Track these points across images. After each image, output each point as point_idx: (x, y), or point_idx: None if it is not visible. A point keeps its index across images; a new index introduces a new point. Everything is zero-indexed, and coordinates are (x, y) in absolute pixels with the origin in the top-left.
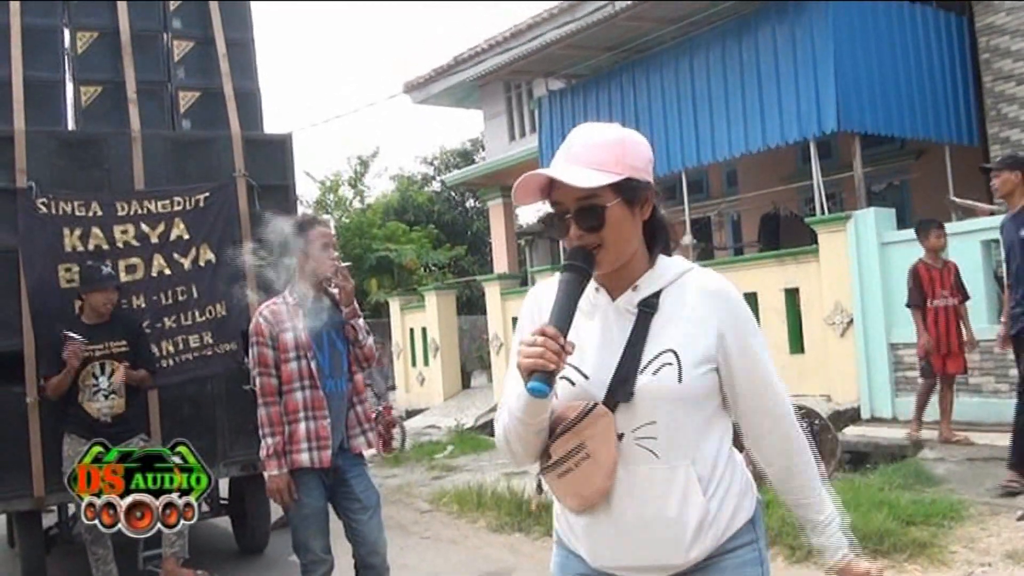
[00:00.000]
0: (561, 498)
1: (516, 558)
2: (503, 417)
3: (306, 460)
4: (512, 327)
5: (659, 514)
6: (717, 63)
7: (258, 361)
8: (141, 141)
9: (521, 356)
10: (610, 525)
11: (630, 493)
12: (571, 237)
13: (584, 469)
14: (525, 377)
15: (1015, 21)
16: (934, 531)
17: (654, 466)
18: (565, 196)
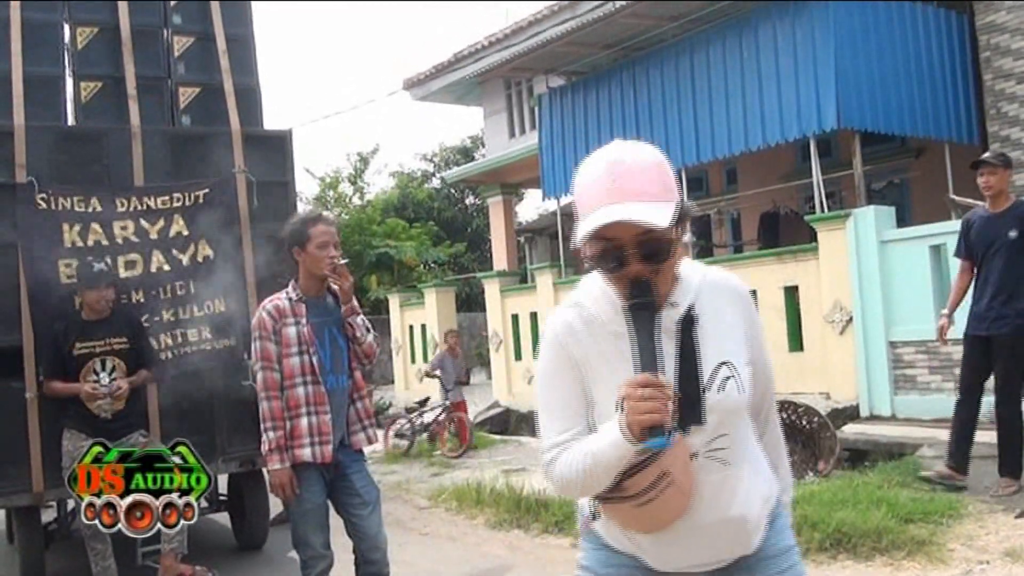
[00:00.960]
0: (630, 524)
1: (515, 555)
2: (578, 462)
3: (308, 455)
4: (512, 324)
5: (730, 515)
6: (717, 61)
7: (261, 355)
8: (141, 137)
9: (634, 414)
10: (683, 533)
11: (702, 502)
12: (629, 270)
13: (667, 496)
14: (638, 433)
15: (1016, 19)
16: (932, 529)
17: (725, 473)
18: (625, 232)
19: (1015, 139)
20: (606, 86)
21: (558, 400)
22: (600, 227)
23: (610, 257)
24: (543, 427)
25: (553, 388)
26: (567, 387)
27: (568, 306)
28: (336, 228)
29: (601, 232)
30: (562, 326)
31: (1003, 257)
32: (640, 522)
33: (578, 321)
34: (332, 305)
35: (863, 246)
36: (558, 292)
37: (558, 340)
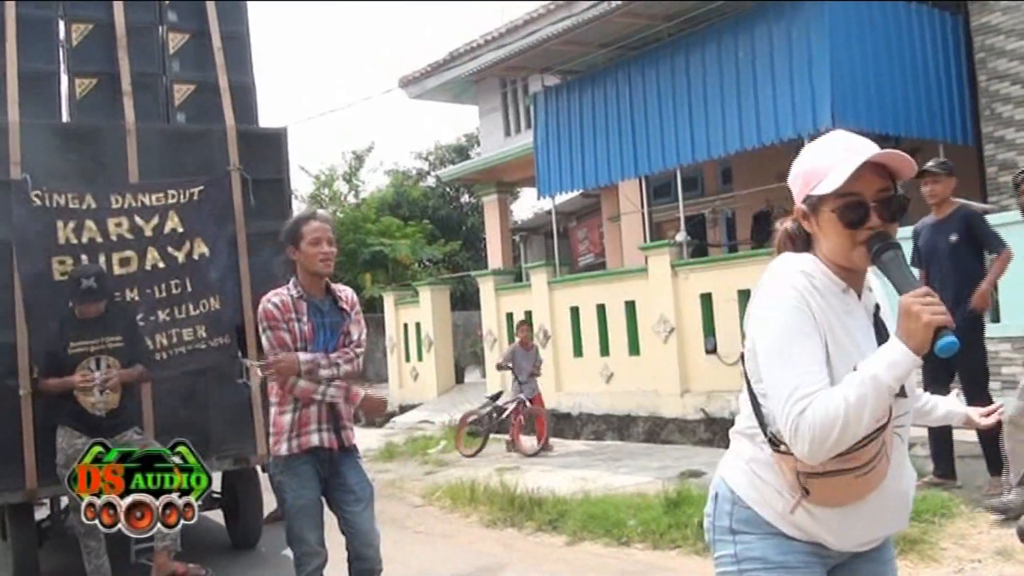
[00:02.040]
0: (842, 496)
1: (509, 553)
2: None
3: (316, 440)
4: (507, 322)
5: (903, 488)
6: (712, 60)
7: (277, 344)
8: (136, 134)
9: (926, 315)
10: (871, 506)
11: (890, 473)
12: (870, 226)
13: (882, 467)
14: (928, 337)
15: (1010, 21)
16: (924, 528)
17: (900, 447)
18: (866, 187)
19: (1009, 140)
20: (601, 85)
21: (806, 353)
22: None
23: (855, 211)
24: (787, 383)
25: (799, 342)
26: (813, 342)
27: (796, 273)
28: (332, 225)
29: (848, 187)
30: (802, 287)
31: (949, 261)
32: (850, 494)
33: (812, 286)
34: (330, 307)
35: None
36: (552, 291)
37: (803, 298)
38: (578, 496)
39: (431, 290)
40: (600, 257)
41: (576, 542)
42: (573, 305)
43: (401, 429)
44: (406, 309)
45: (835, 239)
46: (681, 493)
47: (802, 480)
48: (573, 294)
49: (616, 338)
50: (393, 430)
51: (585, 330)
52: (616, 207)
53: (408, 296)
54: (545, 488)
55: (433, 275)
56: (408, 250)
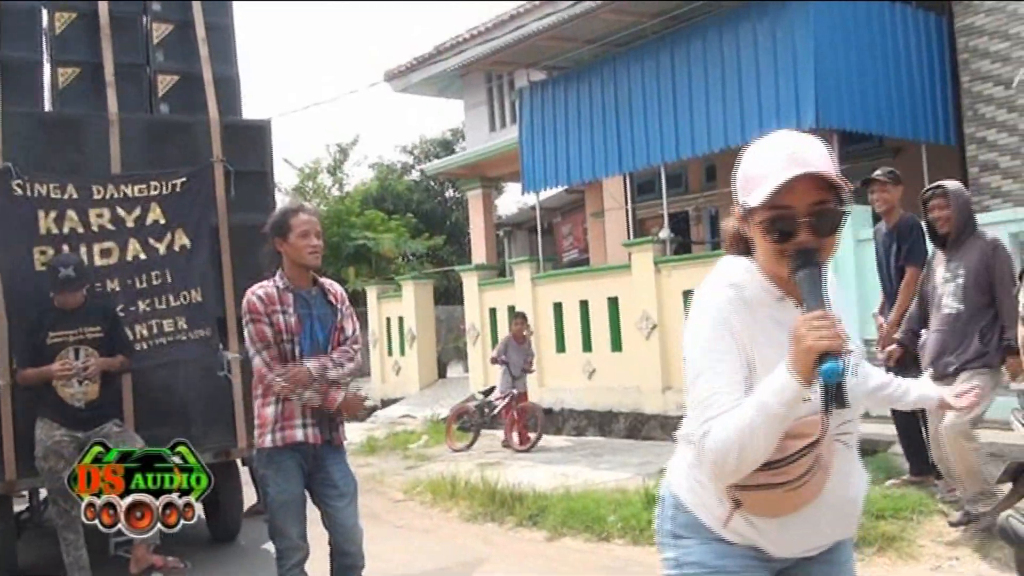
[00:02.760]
0: (775, 509)
1: (489, 548)
2: (736, 423)
3: (300, 436)
4: (490, 317)
5: (848, 495)
6: (698, 58)
7: (256, 337)
8: (119, 124)
9: (810, 339)
10: (810, 516)
11: (831, 484)
12: (797, 241)
13: (817, 479)
14: (811, 363)
15: (994, 22)
16: (903, 525)
17: (845, 455)
18: (798, 200)
19: (991, 141)
20: (587, 81)
21: (718, 374)
22: (783, 186)
23: (781, 225)
24: (698, 401)
25: (717, 361)
26: (729, 361)
27: (724, 284)
28: (318, 218)
29: (778, 199)
30: (725, 301)
31: (894, 272)
32: (783, 506)
33: (738, 300)
34: (318, 299)
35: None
36: (536, 287)
37: (722, 314)
38: (559, 492)
39: (414, 284)
40: (584, 253)
41: (556, 537)
42: (556, 301)
43: (383, 423)
44: (389, 303)
45: (764, 251)
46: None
47: (733, 492)
48: (556, 290)
49: (599, 334)
50: (375, 424)
51: (568, 326)
52: (600, 203)
53: (391, 290)
54: (526, 483)
55: (417, 269)
56: (392, 244)
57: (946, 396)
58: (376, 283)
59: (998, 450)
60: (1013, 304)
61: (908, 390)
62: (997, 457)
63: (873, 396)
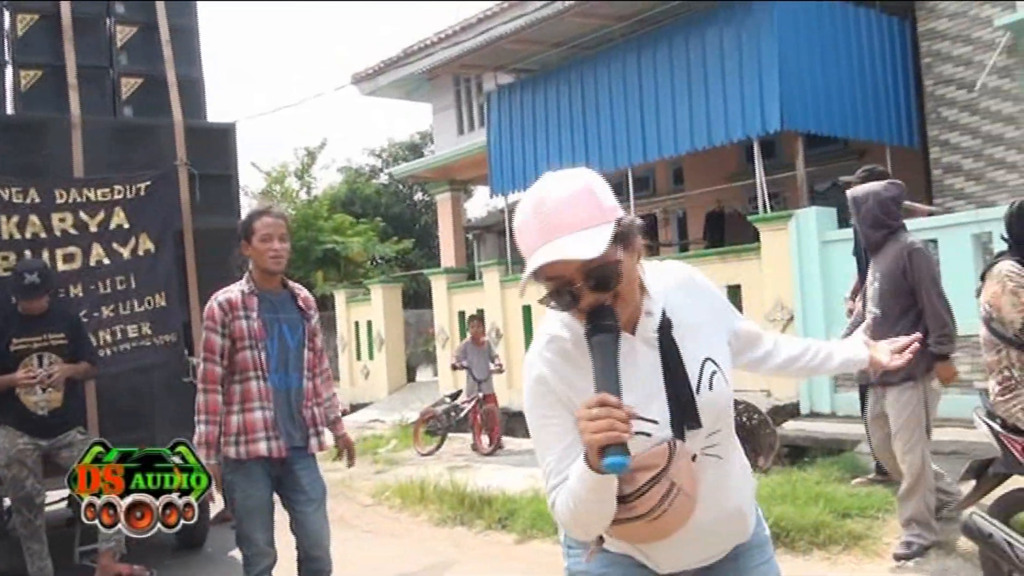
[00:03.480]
0: (640, 538)
1: (458, 551)
2: (568, 502)
3: (263, 449)
4: (459, 321)
5: (729, 507)
6: (664, 62)
7: (204, 347)
8: (81, 127)
9: (587, 433)
10: (687, 536)
11: (705, 502)
12: (586, 303)
13: (678, 505)
14: (595, 455)
15: (956, 27)
16: (869, 523)
17: (719, 468)
18: (566, 268)
19: (954, 143)
20: (554, 84)
21: (550, 441)
22: (540, 269)
23: (563, 294)
24: (542, 468)
25: (544, 429)
26: (557, 427)
27: (545, 341)
28: (286, 220)
29: (544, 272)
30: (543, 363)
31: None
32: (650, 535)
33: (557, 357)
34: (287, 303)
35: (805, 246)
36: (505, 289)
37: (540, 379)
38: (528, 494)
39: (383, 288)
40: None
41: (525, 540)
42: (525, 304)
43: (352, 428)
44: (358, 307)
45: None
46: None
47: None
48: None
49: None
50: None
51: (537, 328)
52: None
53: (360, 294)
54: (495, 486)
55: (386, 273)
56: (360, 248)
57: (877, 354)
58: (345, 287)
59: (962, 448)
60: (939, 308)
61: (830, 355)
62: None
63: (786, 368)
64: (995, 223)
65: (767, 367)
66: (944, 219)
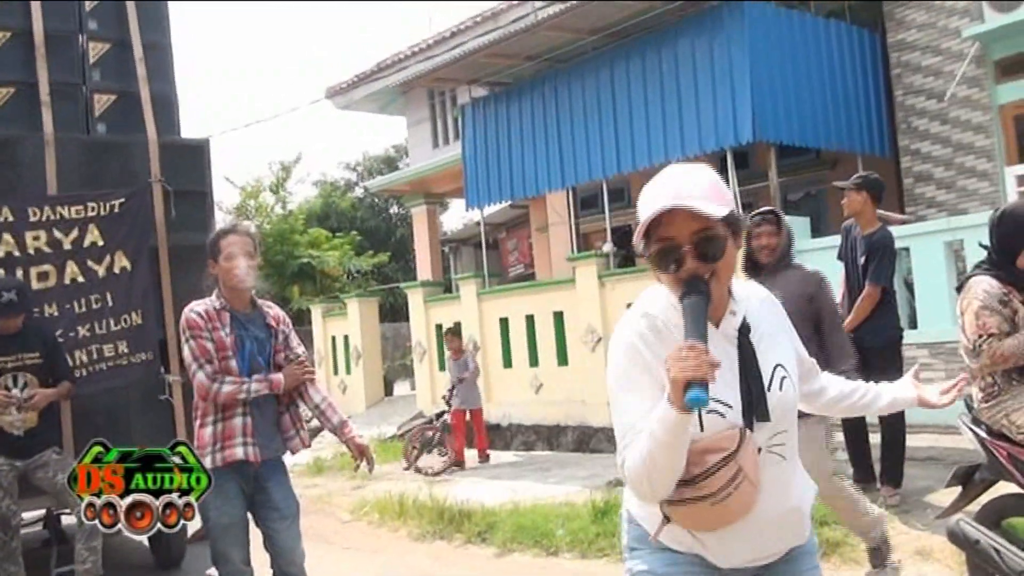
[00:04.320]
0: (703, 523)
1: (438, 566)
2: (643, 450)
3: (240, 454)
4: (436, 334)
5: (790, 506)
6: (637, 74)
7: (199, 353)
8: (55, 144)
9: (675, 370)
10: (748, 528)
11: (767, 496)
12: (686, 269)
13: (742, 491)
14: (679, 391)
15: (925, 38)
16: (845, 531)
17: (783, 467)
18: (679, 231)
19: (925, 152)
20: (528, 97)
21: (634, 404)
22: (657, 223)
23: (668, 257)
24: (617, 431)
25: (629, 392)
26: (643, 391)
27: (638, 316)
28: (253, 237)
29: (659, 233)
30: (635, 334)
31: (860, 281)
32: (713, 520)
33: (649, 330)
34: (256, 322)
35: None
36: (482, 302)
37: (633, 347)
38: (507, 507)
39: (359, 302)
40: (530, 267)
41: (505, 553)
42: (502, 316)
43: (330, 443)
44: (334, 321)
45: (664, 279)
46: (608, 502)
47: (663, 507)
48: (502, 305)
49: (545, 348)
50: (322, 444)
51: (514, 341)
52: (545, 218)
53: (336, 308)
54: (474, 500)
55: (362, 287)
56: (336, 262)
57: (926, 394)
58: (321, 301)
59: (937, 454)
60: (846, 340)
61: (879, 395)
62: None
63: (836, 406)
64: (966, 230)
65: (820, 402)
66: (916, 227)
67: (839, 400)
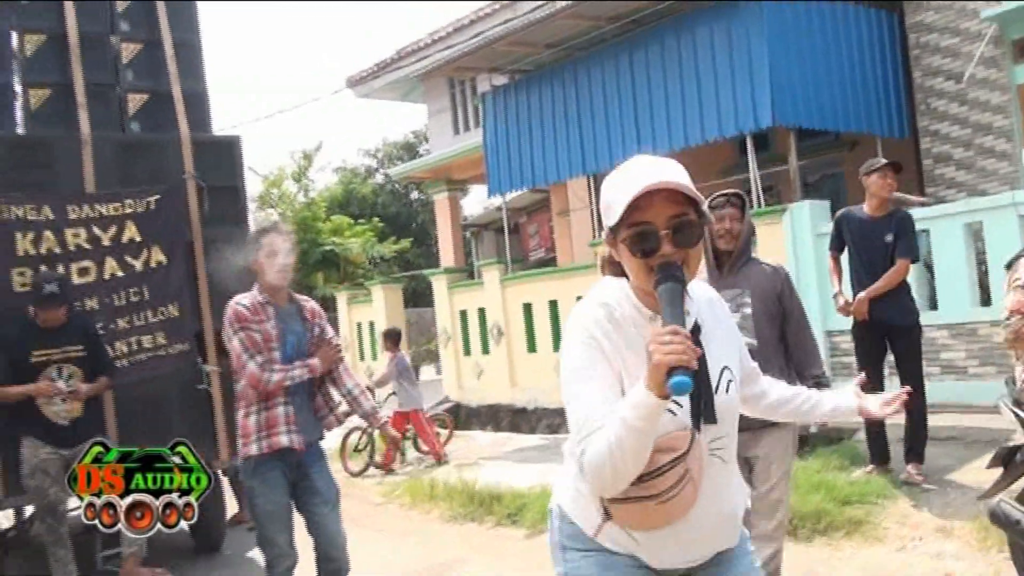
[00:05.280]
0: (644, 522)
1: (469, 548)
2: (609, 441)
3: (285, 441)
4: (461, 320)
5: (725, 510)
6: (656, 60)
7: (249, 344)
8: (91, 144)
9: (659, 354)
10: (686, 529)
11: (705, 498)
12: (662, 254)
13: (686, 492)
14: (661, 376)
15: (943, 19)
16: (868, 509)
17: (721, 470)
18: (656, 215)
19: (944, 133)
20: (548, 84)
21: (593, 394)
22: (633, 207)
23: (645, 241)
24: (574, 422)
25: (588, 381)
26: (600, 379)
27: (595, 305)
28: (289, 237)
29: (634, 217)
30: (593, 322)
31: (884, 259)
32: (655, 519)
33: (607, 320)
34: (294, 315)
35: (799, 239)
36: (505, 288)
37: (590, 334)
38: (536, 490)
39: (384, 289)
40: (551, 252)
41: (535, 534)
42: (526, 301)
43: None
44: (359, 308)
45: (633, 267)
46: None
47: (604, 504)
48: (525, 290)
49: None
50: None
51: (538, 326)
52: (565, 202)
53: (361, 295)
54: (504, 483)
55: (385, 274)
56: (359, 249)
57: (867, 405)
58: (345, 288)
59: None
60: (813, 343)
61: (819, 402)
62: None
63: (776, 411)
64: (985, 212)
65: (761, 405)
66: (936, 210)
67: (780, 404)
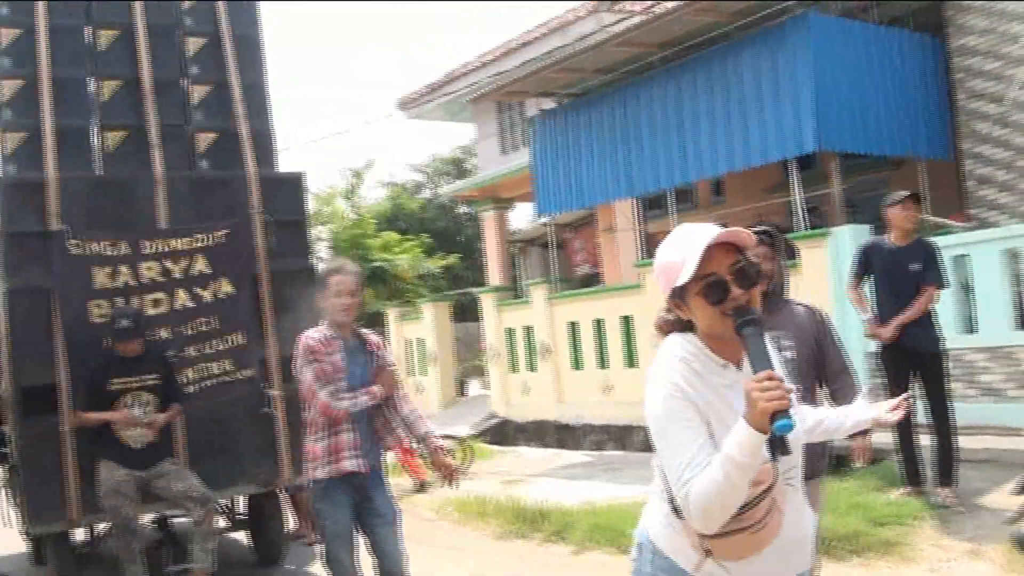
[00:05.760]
0: (742, 551)
1: (520, 564)
2: (714, 480)
3: (350, 466)
4: (508, 337)
5: (801, 534)
6: (703, 86)
7: (321, 375)
8: (164, 182)
9: (762, 401)
10: (771, 555)
11: (787, 523)
12: (732, 298)
13: (774, 521)
14: (766, 420)
15: (986, 43)
16: (903, 531)
17: (793, 496)
18: (719, 265)
19: (987, 156)
20: (598, 109)
21: (686, 440)
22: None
23: (716, 289)
24: (674, 467)
25: (681, 429)
26: (694, 428)
27: (675, 360)
28: (356, 277)
29: (699, 271)
30: (679, 376)
31: (911, 287)
32: (750, 547)
33: (689, 373)
34: (358, 349)
35: (842, 262)
36: (552, 307)
37: (677, 387)
38: (583, 507)
39: (433, 306)
40: (596, 267)
41: (583, 551)
42: (572, 320)
43: None
44: (408, 324)
45: (707, 318)
46: None
47: (704, 542)
48: (572, 309)
49: (614, 351)
50: None
51: (584, 344)
52: (611, 218)
53: (410, 312)
54: (551, 500)
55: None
56: (408, 265)
57: (877, 413)
58: (394, 304)
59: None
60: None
61: (843, 421)
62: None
63: (812, 433)
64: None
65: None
66: (975, 235)
67: (815, 427)
